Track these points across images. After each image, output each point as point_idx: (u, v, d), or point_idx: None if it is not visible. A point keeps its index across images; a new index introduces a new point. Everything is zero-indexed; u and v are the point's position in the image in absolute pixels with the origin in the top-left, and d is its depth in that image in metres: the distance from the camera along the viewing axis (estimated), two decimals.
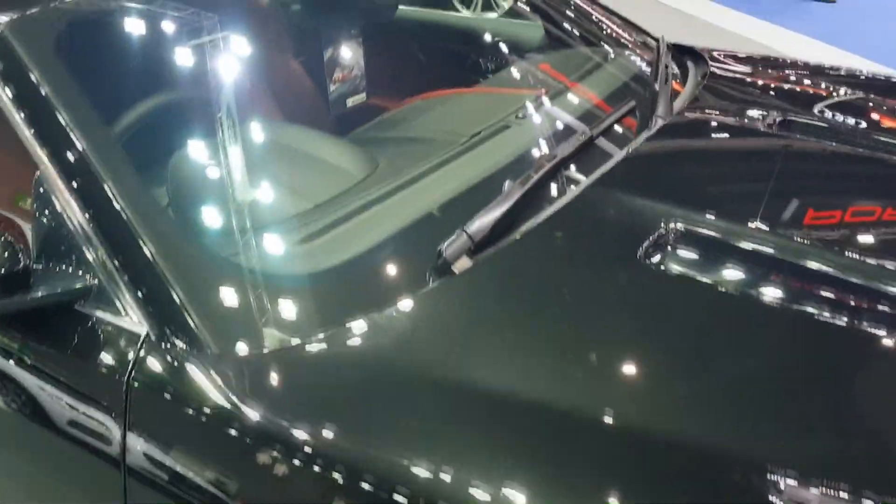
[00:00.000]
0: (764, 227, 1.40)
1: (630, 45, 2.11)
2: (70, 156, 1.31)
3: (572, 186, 1.50)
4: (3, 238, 1.24)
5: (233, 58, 1.64)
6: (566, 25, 2.17)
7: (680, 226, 1.38)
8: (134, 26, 1.62)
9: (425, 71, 2.19)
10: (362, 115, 1.96)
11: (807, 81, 2.10)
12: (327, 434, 1.07)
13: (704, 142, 1.78)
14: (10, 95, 1.36)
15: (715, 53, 2.17)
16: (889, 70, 2.12)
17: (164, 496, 1.14)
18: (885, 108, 1.90)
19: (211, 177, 1.47)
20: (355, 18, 2.06)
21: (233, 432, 1.11)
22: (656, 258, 1.33)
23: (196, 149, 1.50)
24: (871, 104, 1.95)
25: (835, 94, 2.00)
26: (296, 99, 1.97)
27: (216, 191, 1.45)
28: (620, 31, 2.16)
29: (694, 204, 1.46)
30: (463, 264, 1.32)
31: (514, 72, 2.09)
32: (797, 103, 1.93)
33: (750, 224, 1.40)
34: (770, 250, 1.34)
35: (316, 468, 1.05)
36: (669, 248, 1.35)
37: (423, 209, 1.46)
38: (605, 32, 2.14)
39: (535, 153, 1.62)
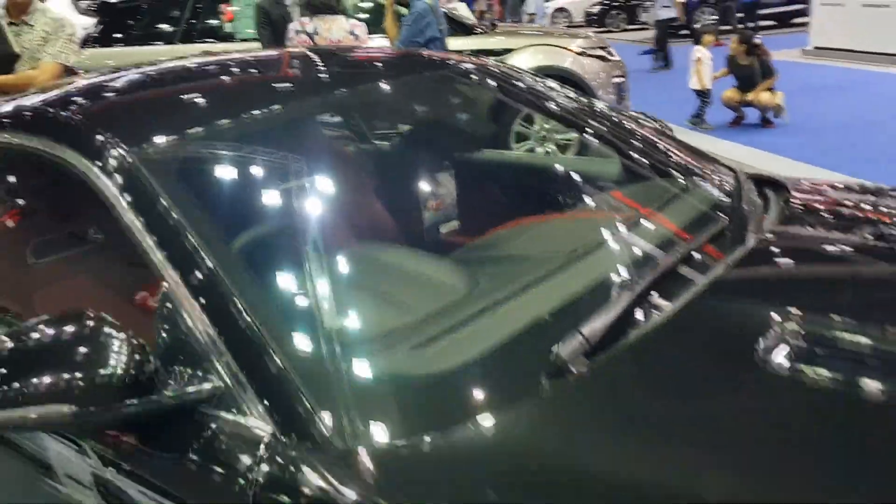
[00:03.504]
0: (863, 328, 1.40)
1: (705, 176, 2.17)
2: (198, 273, 1.39)
3: (677, 296, 1.51)
4: (133, 342, 1.29)
5: (337, 190, 1.75)
6: (642, 159, 2.24)
7: (794, 327, 1.38)
8: (246, 165, 1.75)
9: (512, 203, 2.28)
10: (455, 243, 2.03)
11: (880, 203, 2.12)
12: None
13: (799, 255, 1.79)
14: (140, 218, 1.47)
15: (792, 181, 2.22)
16: None
17: None
18: None
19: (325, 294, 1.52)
20: (447, 151, 2.19)
21: None
22: (774, 360, 1.32)
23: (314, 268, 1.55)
24: None
25: None
26: (394, 224, 2.06)
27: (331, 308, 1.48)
28: (694, 163, 2.23)
29: (801, 309, 1.45)
30: (579, 366, 1.32)
31: (599, 201, 2.15)
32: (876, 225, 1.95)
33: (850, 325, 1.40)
34: (873, 346, 1.34)
35: None
36: (786, 350, 1.34)
37: (530, 319, 1.48)
38: (679, 164, 2.21)
39: (634, 268, 1.64)
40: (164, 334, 1.37)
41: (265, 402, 1.26)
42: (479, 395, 1.33)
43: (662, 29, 13.53)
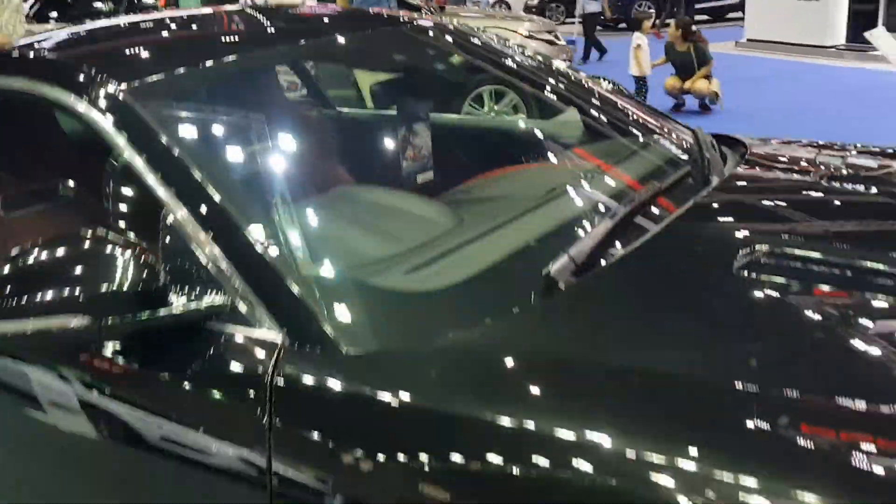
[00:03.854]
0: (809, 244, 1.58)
1: (668, 131, 2.29)
2: (203, 202, 1.45)
3: (654, 224, 1.63)
4: (141, 258, 1.33)
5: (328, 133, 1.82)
6: (610, 115, 2.35)
7: (765, 247, 1.51)
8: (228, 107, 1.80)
9: (484, 156, 2.36)
10: (434, 190, 2.11)
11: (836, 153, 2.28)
12: (468, 412, 1.14)
13: (755, 191, 1.93)
14: (137, 146, 1.51)
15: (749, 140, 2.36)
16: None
17: (311, 492, 1.19)
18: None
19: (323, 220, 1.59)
20: (427, 106, 2.27)
21: (375, 422, 1.17)
22: (748, 273, 1.45)
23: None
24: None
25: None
26: (376, 170, 2.14)
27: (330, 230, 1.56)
28: (656, 120, 2.35)
29: (759, 231, 1.59)
30: (568, 282, 1.42)
31: (567, 154, 2.26)
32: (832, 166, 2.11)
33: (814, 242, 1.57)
34: (834, 259, 1.51)
35: (459, 448, 1.11)
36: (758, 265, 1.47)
37: (518, 245, 1.58)
38: (644, 119, 2.33)
39: (610, 202, 1.75)
40: (169, 259, 1.42)
41: (274, 314, 1.32)
42: (474, 308, 1.41)
43: (589, 23, 13.79)
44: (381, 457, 1.15)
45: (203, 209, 1.43)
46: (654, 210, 1.70)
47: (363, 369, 1.25)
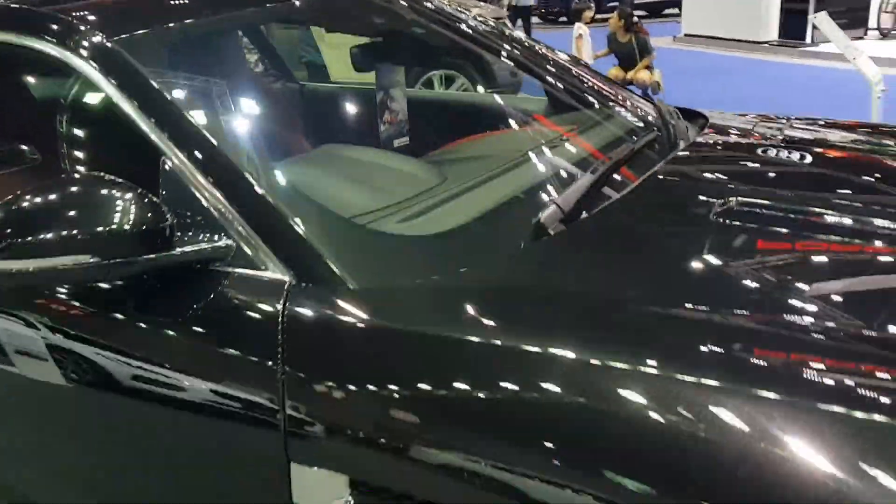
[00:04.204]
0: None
1: (630, 101, 2.39)
2: (200, 146, 1.48)
3: (632, 179, 1.73)
4: (144, 201, 1.35)
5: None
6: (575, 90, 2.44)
7: (737, 199, 1.62)
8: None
9: (456, 127, 2.42)
10: (412, 152, 2.17)
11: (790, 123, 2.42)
12: (472, 337, 1.21)
13: (725, 151, 2.05)
14: (134, 100, 1.53)
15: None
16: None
17: (325, 430, 1.23)
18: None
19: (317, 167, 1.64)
20: (403, 72, 2.32)
21: (388, 353, 1.23)
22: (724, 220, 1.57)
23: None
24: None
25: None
26: (356, 132, 2.18)
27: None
28: (620, 93, 2.45)
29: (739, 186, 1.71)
30: (557, 229, 1.50)
31: (539, 122, 2.34)
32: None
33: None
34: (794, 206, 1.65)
35: (463, 371, 1.18)
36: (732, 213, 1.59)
37: (505, 196, 1.66)
38: (607, 94, 2.42)
39: (594, 161, 1.84)
40: (171, 203, 1.44)
41: (279, 256, 1.36)
42: (469, 251, 1.49)
43: (522, 16, 13.97)
44: (393, 387, 1.20)
45: (202, 155, 1.46)
46: (631, 168, 1.79)
47: (373, 303, 1.29)
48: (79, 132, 1.89)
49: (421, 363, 1.21)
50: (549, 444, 1.08)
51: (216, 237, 1.39)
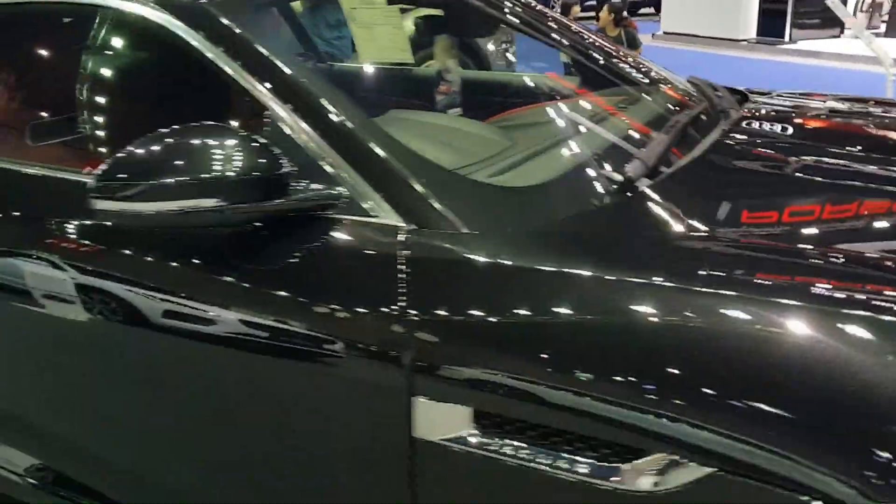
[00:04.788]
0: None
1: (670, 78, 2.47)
2: (308, 101, 1.53)
3: (704, 135, 1.84)
4: (268, 147, 1.40)
5: None
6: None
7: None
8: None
9: (519, 92, 2.49)
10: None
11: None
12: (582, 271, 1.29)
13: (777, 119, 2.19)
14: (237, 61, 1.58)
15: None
16: None
17: (452, 364, 1.28)
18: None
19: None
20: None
21: (507, 289, 1.29)
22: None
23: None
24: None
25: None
26: (416, 99, 2.24)
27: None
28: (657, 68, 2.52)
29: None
30: (643, 183, 1.58)
31: (588, 93, 2.40)
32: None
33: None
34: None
35: (573, 300, 1.25)
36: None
37: (584, 154, 1.73)
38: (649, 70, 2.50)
39: (658, 122, 1.92)
40: (286, 153, 1.46)
41: (391, 202, 1.42)
42: (567, 200, 1.56)
43: None
44: (512, 320, 1.26)
45: (312, 109, 1.52)
46: (697, 131, 1.88)
47: (487, 245, 1.35)
48: (181, 91, 1.92)
49: (538, 298, 1.27)
50: (662, 374, 1.14)
51: (330, 186, 1.45)
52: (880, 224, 1.59)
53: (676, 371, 1.14)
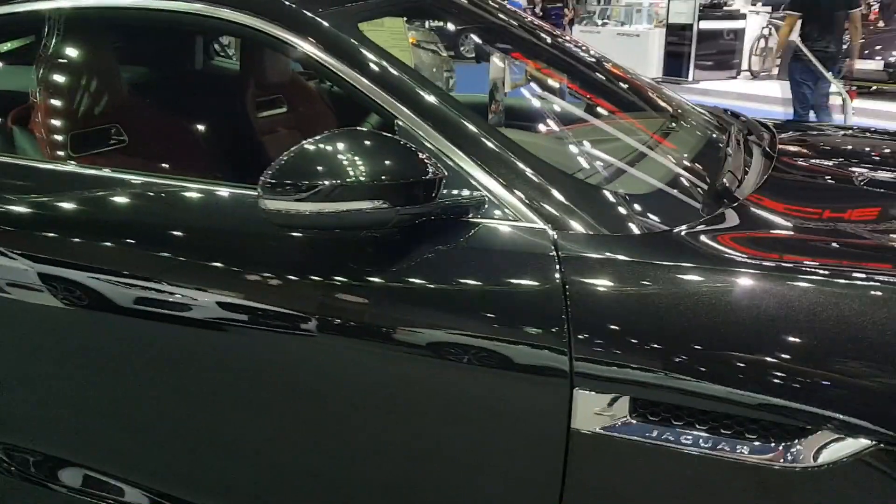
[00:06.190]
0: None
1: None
2: (435, 109, 1.61)
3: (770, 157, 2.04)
4: (422, 154, 1.47)
5: None
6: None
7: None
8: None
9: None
10: None
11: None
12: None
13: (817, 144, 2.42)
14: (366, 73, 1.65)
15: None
16: None
17: (612, 357, 1.36)
18: None
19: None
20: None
21: (659, 286, 1.38)
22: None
23: None
24: None
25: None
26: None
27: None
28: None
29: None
30: (742, 194, 1.73)
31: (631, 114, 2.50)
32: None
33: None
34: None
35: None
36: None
37: (676, 165, 1.87)
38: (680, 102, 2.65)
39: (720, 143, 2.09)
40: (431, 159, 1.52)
41: (533, 207, 1.50)
42: (681, 207, 1.67)
43: None
44: (664, 314, 1.36)
45: (451, 121, 1.61)
46: (765, 149, 2.09)
47: (631, 246, 1.46)
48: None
49: (687, 293, 1.37)
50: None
51: (474, 192, 1.52)
52: None
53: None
